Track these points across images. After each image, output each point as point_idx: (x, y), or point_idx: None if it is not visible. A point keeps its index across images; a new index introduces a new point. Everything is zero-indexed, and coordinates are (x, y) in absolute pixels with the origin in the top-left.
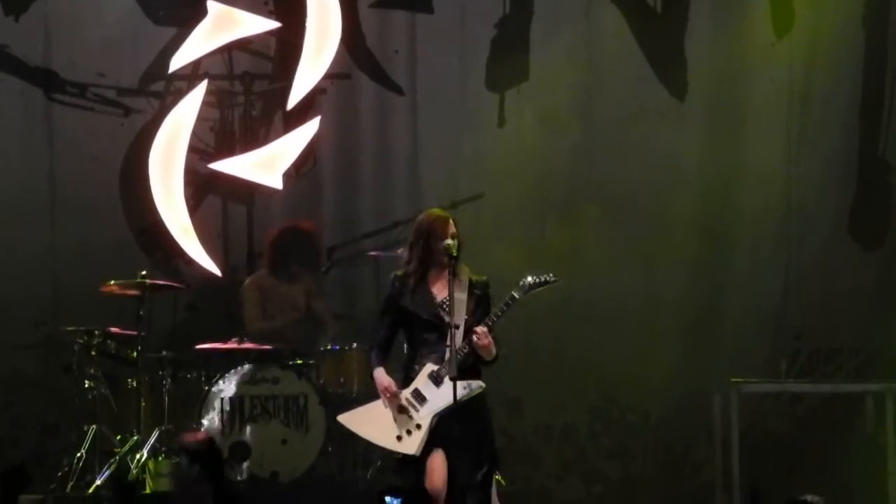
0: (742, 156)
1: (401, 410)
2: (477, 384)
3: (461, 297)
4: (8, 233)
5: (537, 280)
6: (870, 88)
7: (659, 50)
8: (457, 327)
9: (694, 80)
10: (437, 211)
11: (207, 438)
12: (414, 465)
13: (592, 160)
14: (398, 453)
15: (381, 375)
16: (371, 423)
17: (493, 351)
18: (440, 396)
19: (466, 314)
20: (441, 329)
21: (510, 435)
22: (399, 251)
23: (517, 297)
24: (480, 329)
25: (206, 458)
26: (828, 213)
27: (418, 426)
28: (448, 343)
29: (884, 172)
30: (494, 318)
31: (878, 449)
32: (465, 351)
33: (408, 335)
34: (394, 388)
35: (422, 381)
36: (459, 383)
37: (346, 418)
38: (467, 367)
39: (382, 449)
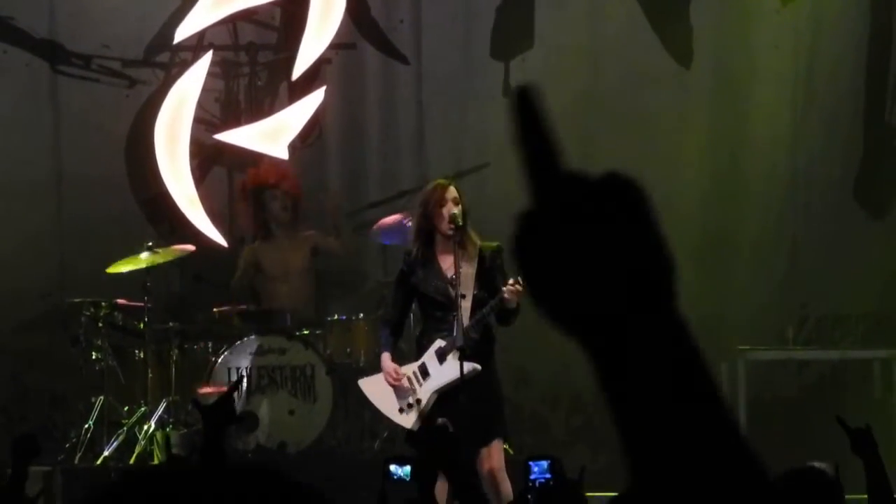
0: (747, 123)
1: (408, 383)
2: (471, 366)
3: (469, 270)
4: (14, 204)
5: None
6: (876, 54)
7: (664, 17)
8: (463, 297)
9: (699, 47)
10: (438, 180)
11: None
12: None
13: (597, 128)
14: (400, 426)
15: (386, 361)
16: (382, 391)
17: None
18: (442, 373)
19: (475, 288)
20: (450, 305)
21: (517, 404)
22: (404, 220)
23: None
24: (510, 287)
25: (215, 416)
26: (834, 180)
27: (418, 401)
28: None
29: (890, 138)
30: (489, 310)
31: (886, 415)
32: (472, 330)
33: (420, 310)
34: (395, 374)
35: (428, 357)
36: (467, 363)
37: (365, 384)
38: (475, 343)
39: (389, 420)
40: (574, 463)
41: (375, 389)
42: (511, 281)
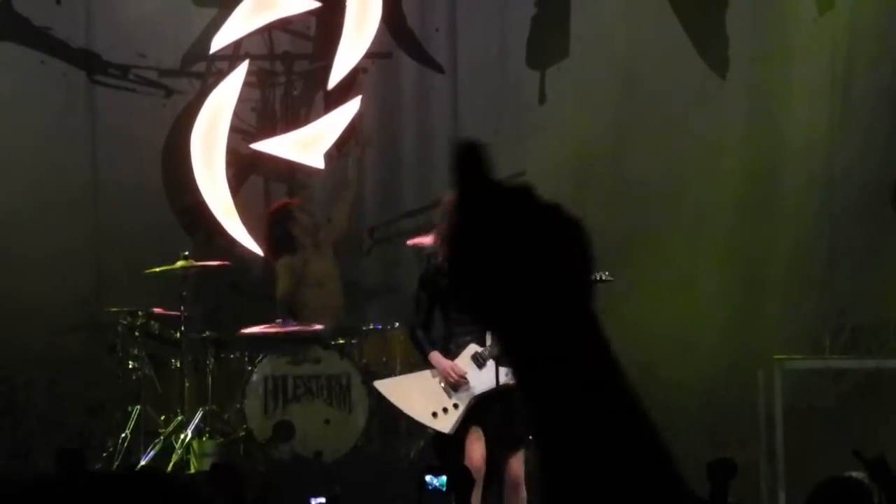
0: (784, 132)
1: (440, 386)
2: None
3: None
4: (51, 214)
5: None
6: None
7: (700, 27)
8: None
9: (735, 57)
10: None
11: None
12: (450, 442)
13: (634, 137)
14: (432, 429)
15: (440, 359)
16: (409, 395)
17: None
18: (481, 379)
19: None
20: None
21: None
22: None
23: None
24: None
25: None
26: (870, 188)
27: (455, 406)
28: None
29: None
30: None
31: None
32: None
33: (443, 312)
34: (459, 368)
35: (464, 361)
36: (502, 370)
37: (383, 385)
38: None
39: (424, 427)
40: None
41: (398, 392)
42: None
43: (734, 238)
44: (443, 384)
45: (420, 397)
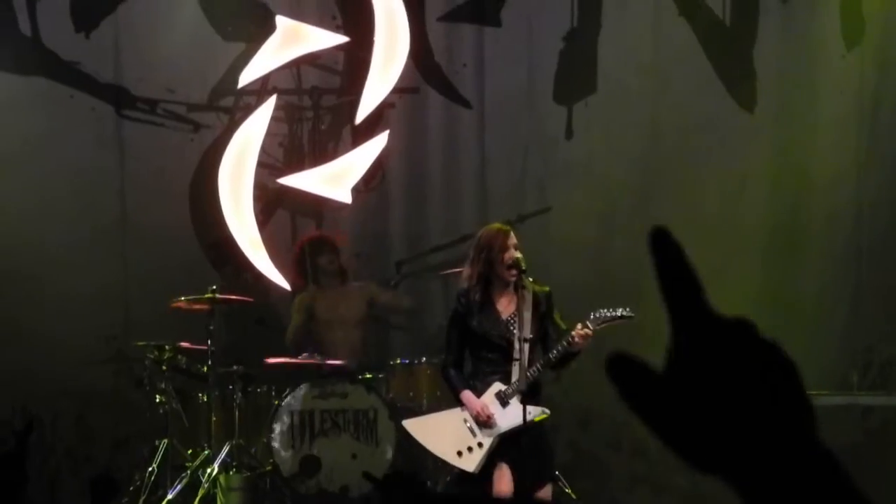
0: (811, 166)
1: (465, 425)
2: (541, 410)
3: (527, 313)
4: (80, 248)
5: (611, 315)
6: None
7: (728, 62)
8: (527, 341)
9: (763, 92)
10: (496, 225)
11: None
12: (474, 481)
13: (661, 172)
14: (457, 468)
15: (472, 398)
16: (435, 433)
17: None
18: (506, 417)
19: (531, 332)
20: (506, 349)
21: (579, 447)
22: (462, 270)
23: (591, 328)
24: (580, 332)
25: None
26: None
27: (480, 444)
28: (516, 358)
29: None
30: (556, 353)
31: None
32: (535, 373)
33: (472, 351)
34: (484, 410)
35: (489, 400)
36: (528, 409)
37: (411, 424)
38: (531, 391)
39: (453, 468)
40: None
41: (425, 431)
42: (580, 326)
43: (761, 273)
44: (468, 423)
45: (446, 436)
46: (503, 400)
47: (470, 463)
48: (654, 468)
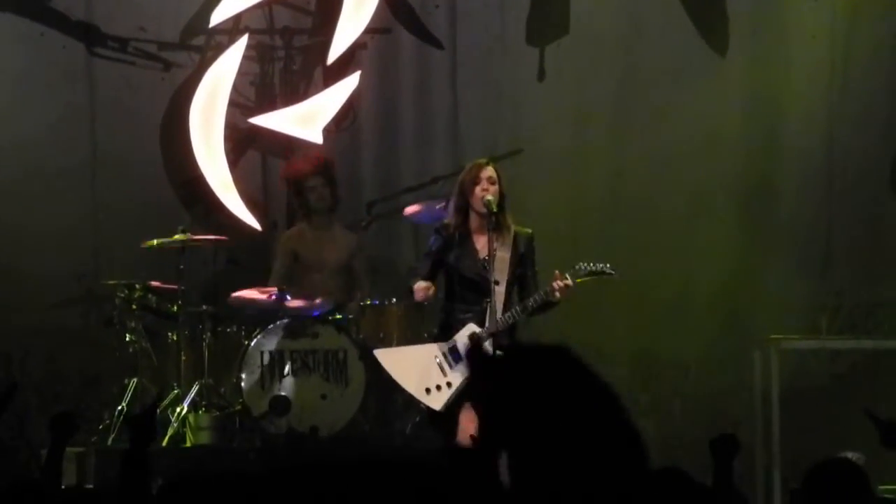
0: (782, 112)
1: (436, 363)
2: None
3: (503, 254)
4: (50, 186)
5: (592, 268)
6: None
7: (700, 5)
8: (497, 283)
9: (735, 36)
10: (477, 160)
11: None
12: (444, 419)
13: (633, 116)
14: (424, 405)
15: (419, 285)
16: (406, 367)
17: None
18: None
19: (508, 273)
20: (481, 288)
21: None
22: (440, 205)
23: (571, 280)
24: (559, 284)
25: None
26: (869, 169)
27: (448, 384)
28: (488, 301)
29: None
30: (534, 302)
31: None
32: (509, 319)
33: (447, 286)
34: (426, 289)
35: (461, 340)
36: (499, 351)
37: (382, 355)
38: (506, 333)
39: (420, 404)
40: None
41: (396, 363)
42: (559, 275)
43: (731, 218)
44: (438, 360)
45: (416, 372)
46: (477, 341)
47: (437, 401)
48: None
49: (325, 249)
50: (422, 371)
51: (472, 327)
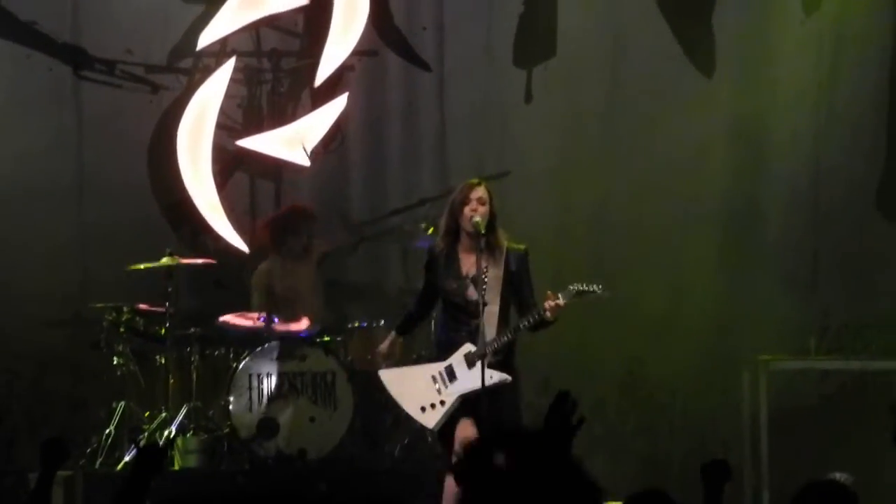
0: (769, 133)
1: (433, 382)
2: (501, 377)
3: (495, 273)
4: (37, 209)
5: (584, 289)
6: None
7: (687, 26)
8: (485, 304)
9: (722, 57)
10: (469, 180)
11: None
12: (445, 437)
13: (620, 136)
14: (419, 423)
15: (380, 348)
16: (404, 386)
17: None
18: (470, 378)
19: (500, 292)
20: (467, 310)
21: (538, 411)
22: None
23: (563, 301)
24: (550, 304)
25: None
26: (856, 189)
27: (442, 402)
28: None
29: None
30: (527, 323)
31: None
32: (504, 339)
33: (442, 304)
34: (386, 348)
35: (457, 359)
36: (489, 372)
37: (385, 375)
38: (502, 352)
39: (409, 426)
40: (595, 470)
41: (397, 383)
42: (551, 296)
43: (718, 239)
44: (436, 380)
45: (414, 390)
46: (470, 361)
47: (430, 419)
48: (613, 432)
49: (292, 276)
50: (419, 390)
51: (468, 346)
